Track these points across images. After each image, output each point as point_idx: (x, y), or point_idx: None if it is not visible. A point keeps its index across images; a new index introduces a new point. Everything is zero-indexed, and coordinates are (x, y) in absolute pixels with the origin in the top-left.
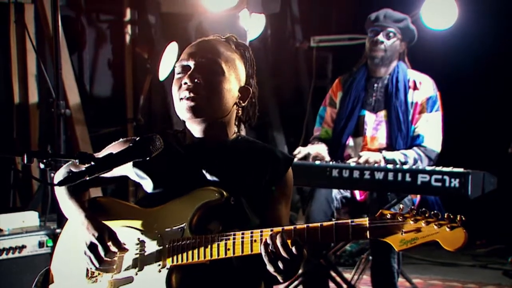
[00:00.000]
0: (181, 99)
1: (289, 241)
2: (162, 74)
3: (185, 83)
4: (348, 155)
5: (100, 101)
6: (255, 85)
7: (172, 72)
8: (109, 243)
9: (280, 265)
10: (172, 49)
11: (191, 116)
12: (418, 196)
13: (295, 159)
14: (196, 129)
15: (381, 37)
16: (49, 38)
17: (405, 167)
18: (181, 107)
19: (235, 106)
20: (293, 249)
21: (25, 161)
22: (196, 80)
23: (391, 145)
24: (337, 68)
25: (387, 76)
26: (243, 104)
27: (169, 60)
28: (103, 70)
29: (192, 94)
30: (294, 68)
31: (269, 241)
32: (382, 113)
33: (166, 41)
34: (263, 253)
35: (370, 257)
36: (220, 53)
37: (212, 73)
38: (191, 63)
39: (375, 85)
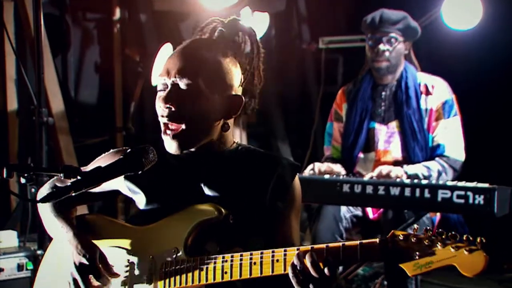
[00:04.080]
0: (163, 124)
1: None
2: (155, 79)
3: (160, 107)
4: (358, 172)
5: (86, 108)
6: (260, 75)
7: None
8: (100, 265)
9: (312, 287)
10: (166, 51)
11: (176, 152)
12: (438, 214)
13: (306, 174)
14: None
15: (382, 46)
16: (30, 39)
17: (424, 182)
18: (165, 140)
19: (223, 120)
20: (326, 270)
21: (4, 176)
22: (169, 106)
23: (408, 158)
24: (348, 72)
25: (395, 83)
26: (234, 116)
27: (162, 63)
28: (89, 74)
29: (171, 125)
30: (301, 72)
31: (296, 261)
32: (394, 124)
33: (159, 42)
34: (290, 275)
35: (385, 282)
36: (201, 68)
37: (188, 98)
38: (168, 82)
39: (383, 93)
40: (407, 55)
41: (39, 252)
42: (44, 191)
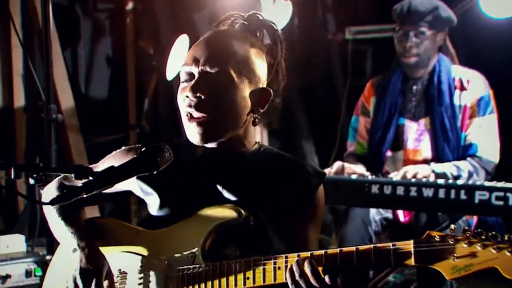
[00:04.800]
0: (187, 115)
1: (320, 269)
2: (170, 73)
3: (187, 97)
4: (386, 172)
5: (97, 104)
6: (282, 73)
7: None
8: (105, 282)
9: None
10: (181, 43)
11: (199, 143)
12: (475, 217)
13: (328, 174)
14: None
15: (410, 41)
16: (38, 31)
17: (459, 182)
18: (188, 128)
19: (251, 114)
20: (326, 278)
21: (12, 176)
22: (198, 95)
23: (437, 158)
24: (377, 64)
25: (427, 76)
26: (261, 111)
27: (178, 56)
28: (101, 68)
29: (197, 114)
30: (326, 65)
31: (295, 267)
32: (425, 121)
33: (174, 33)
34: (289, 282)
35: None
36: (230, 56)
37: (219, 86)
38: (195, 71)
39: (414, 87)
40: (442, 46)
41: (48, 257)
42: (48, 191)
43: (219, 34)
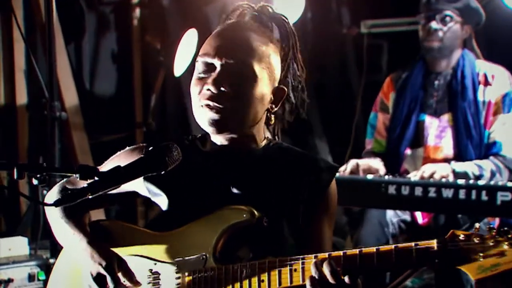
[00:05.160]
0: (201, 105)
1: (338, 270)
2: (178, 69)
3: (208, 90)
4: (405, 170)
5: (102, 101)
6: (300, 65)
7: (191, 66)
8: (119, 274)
9: None
10: (190, 38)
11: (213, 131)
12: (497, 219)
13: (342, 173)
14: (219, 139)
15: (435, 23)
16: (41, 25)
17: (481, 182)
18: (202, 116)
19: (266, 112)
20: (346, 278)
21: (15, 176)
22: (222, 89)
23: (459, 156)
24: (394, 59)
25: (450, 71)
26: (275, 109)
27: (187, 51)
28: (106, 63)
29: (216, 105)
30: (340, 60)
31: (313, 269)
32: (447, 117)
33: (183, 28)
34: (308, 285)
35: None
36: (253, 49)
37: (242, 79)
38: (217, 63)
39: (436, 82)
40: (467, 41)
41: (51, 260)
42: (52, 195)
43: (238, 26)
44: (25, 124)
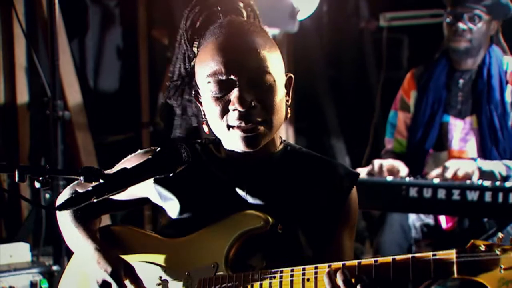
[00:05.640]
0: (231, 127)
1: (353, 280)
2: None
3: (235, 110)
4: (427, 174)
5: (107, 100)
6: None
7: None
8: (127, 281)
9: None
10: None
11: (250, 149)
12: None
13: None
14: None
15: (462, 24)
16: (43, 20)
17: (508, 184)
18: (234, 138)
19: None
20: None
21: (16, 179)
22: (252, 105)
23: None
24: (415, 54)
25: (476, 69)
26: (290, 100)
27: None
28: (111, 60)
29: (249, 124)
30: (358, 55)
31: (326, 280)
32: (472, 119)
33: None
34: None
35: None
36: (261, 54)
37: (264, 89)
38: (234, 78)
39: (460, 81)
40: (494, 37)
41: (54, 267)
42: (63, 198)
43: (238, 31)
44: (26, 124)
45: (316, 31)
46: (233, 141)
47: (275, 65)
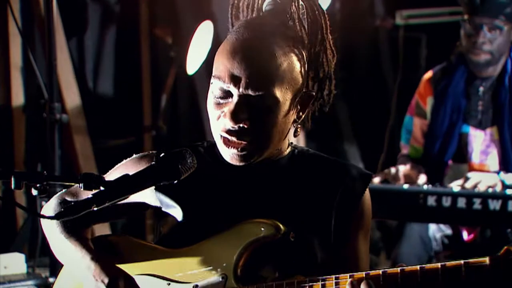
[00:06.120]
0: (221, 136)
1: None
2: (192, 66)
3: (226, 123)
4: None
5: (107, 102)
6: (331, 50)
7: (206, 64)
8: None
9: None
10: (205, 30)
11: (237, 163)
12: None
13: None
14: None
15: (482, 37)
16: (40, 18)
17: None
18: (222, 147)
19: (292, 124)
20: None
21: (12, 186)
22: (242, 125)
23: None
24: (433, 54)
25: (496, 76)
26: (302, 117)
27: (201, 46)
28: (111, 60)
29: (235, 140)
30: (373, 56)
31: None
32: (493, 130)
33: (196, 20)
34: None
35: None
36: (275, 73)
37: (263, 111)
38: (234, 91)
39: (481, 89)
40: None
41: (51, 279)
42: (49, 208)
43: (254, 37)
44: (21, 128)
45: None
46: (222, 150)
47: (287, 86)
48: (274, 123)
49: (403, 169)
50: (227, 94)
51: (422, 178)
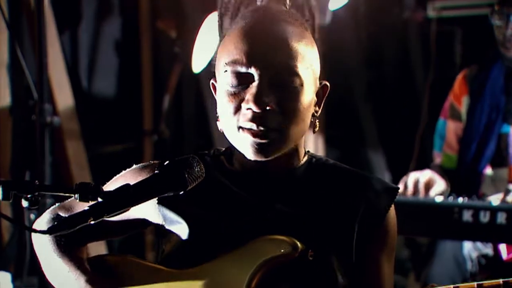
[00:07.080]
0: (241, 128)
1: None
2: (198, 64)
3: (249, 109)
4: (483, 195)
5: (103, 104)
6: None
7: (213, 62)
8: None
9: None
10: (212, 24)
11: (260, 157)
12: None
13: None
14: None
15: (511, 28)
16: (29, 11)
17: None
18: (243, 141)
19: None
20: None
21: (0, 197)
22: (268, 108)
23: None
24: (469, 50)
25: None
26: (319, 111)
27: (208, 41)
28: (108, 57)
29: (261, 128)
30: (402, 52)
31: None
32: None
33: (202, 12)
34: None
35: None
36: (293, 49)
37: (288, 90)
38: (255, 72)
39: None
40: None
41: None
42: (42, 224)
43: (268, 19)
44: (7, 132)
45: (351, 23)
46: (241, 145)
47: (308, 66)
48: (300, 106)
49: (423, 178)
50: (244, 79)
51: (439, 186)
